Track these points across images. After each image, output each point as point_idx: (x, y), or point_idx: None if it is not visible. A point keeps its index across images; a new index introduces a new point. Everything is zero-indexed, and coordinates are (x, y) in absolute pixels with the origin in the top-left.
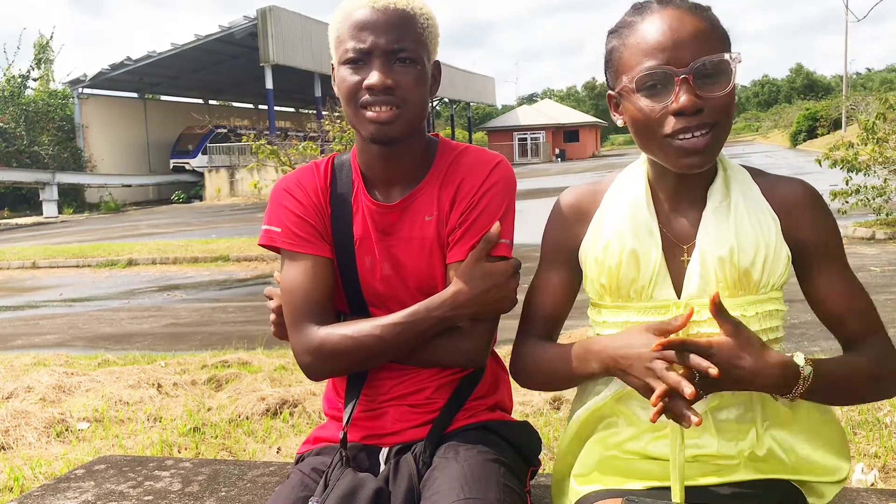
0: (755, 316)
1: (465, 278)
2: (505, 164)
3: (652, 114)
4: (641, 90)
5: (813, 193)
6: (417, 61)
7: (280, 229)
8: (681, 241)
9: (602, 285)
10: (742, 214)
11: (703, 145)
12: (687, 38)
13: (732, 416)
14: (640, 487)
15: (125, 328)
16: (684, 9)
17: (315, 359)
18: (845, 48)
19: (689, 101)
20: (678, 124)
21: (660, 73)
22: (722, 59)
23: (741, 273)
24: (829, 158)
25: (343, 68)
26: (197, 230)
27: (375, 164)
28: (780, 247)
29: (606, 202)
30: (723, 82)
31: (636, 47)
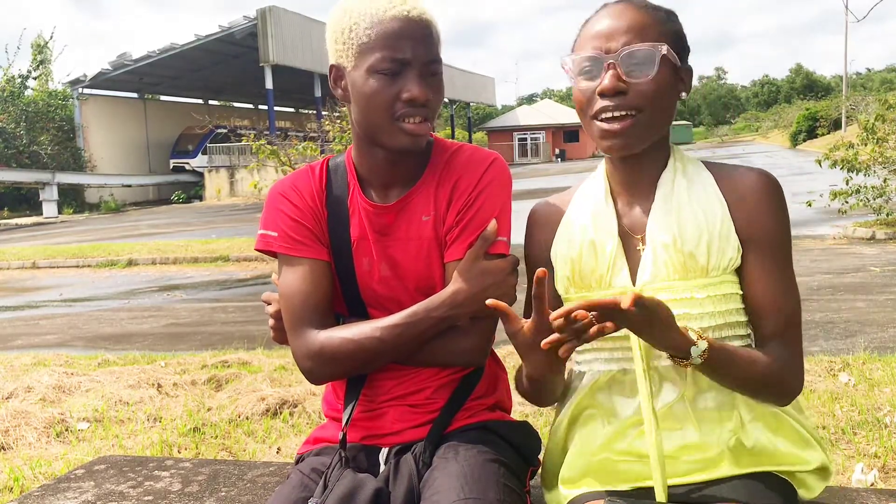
0: (706, 298)
1: (464, 277)
2: (500, 161)
3: (584, 95)
4: (580, 74)
5: (769, 183)
6: (441, 74)
7: (276, 233)
8: (635, 232)
9: (567, 277)
10: (684, 202)
11: (620, 128)
12: (620, 29)
13: (711, 404)
14: (627, 488)
15: (125, 328)
16: (634, 5)
17: (316, 363)
18: (845, 48)
19: (610, 82)
20: (601, 104)
21: (592, 58)
22: (647, 48)
23: (686, 257)
24: (829, 158)
25: (375, 78)
26: (197, 230)
27: (379, 169)
28: (727, 232)
29: (573, 205)
30: (647, 70)
31: (584, 37)
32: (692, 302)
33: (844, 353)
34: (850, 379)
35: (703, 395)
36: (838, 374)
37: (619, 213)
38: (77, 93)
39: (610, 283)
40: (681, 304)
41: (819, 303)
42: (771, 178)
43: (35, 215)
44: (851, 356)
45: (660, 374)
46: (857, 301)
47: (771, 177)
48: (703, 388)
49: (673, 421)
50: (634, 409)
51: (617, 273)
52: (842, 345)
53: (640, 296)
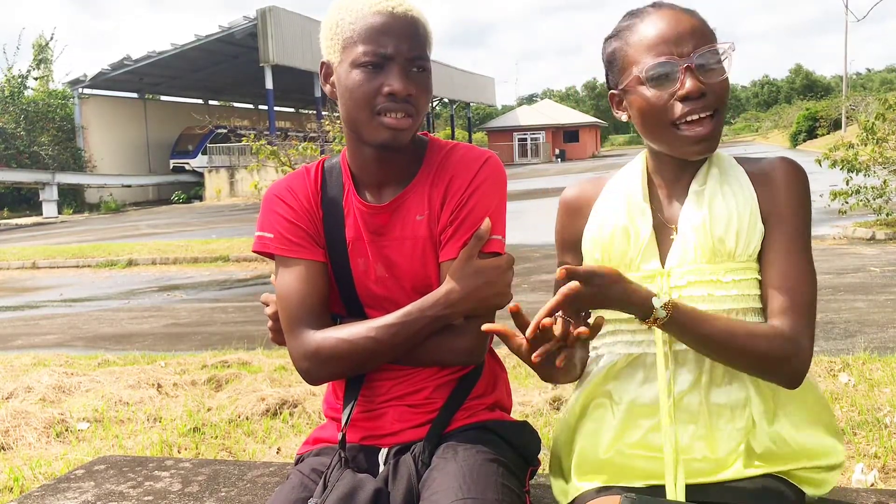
0: (731, 282)
1: (457, 276)
2: (494, 159)
3: (659, 102)
4: (649, 81)
5: (789, 166)
6: (428, 70)
7: (272, 235)
8: (671, 223)
9: (596, 260)
10: (716, 192)
11: (709, 131)
12: (685, 33)
13: (723, 399)
14: (640, 485)
15: (125, 328)
16: (678, 9)
17: (312, 363)
18: (845, 48)
19: (694, 85)
20: (685, 108)
21: (666, 64)
22: (718, 48)
23: (715, 241)
24: (829, 159)
25: (356, 71)
26: (197, 230)
27: (369, 167)
28: (755, 221)
29: (606, 192)
30: (720, 69)
31: (640, 44)
32: (717, 284)
33: (844, 353)
34: (850, 379)
35: (718, 390)
36: (838, 375)
37: (657, 206)
38: (77, 93)
39: (639, 268)
40: (706, 285)
41: (819, 303)
42: (795, 163)
43: (35, 215)
44: (851, 356)
45: (677, 360)
46: (857, 301)
47: (792, 161)
48: (719, 378)
49: (686, 414)
50: (650, 397)
51: (647, 259)
52: (842, 345)
53: (569, 268)
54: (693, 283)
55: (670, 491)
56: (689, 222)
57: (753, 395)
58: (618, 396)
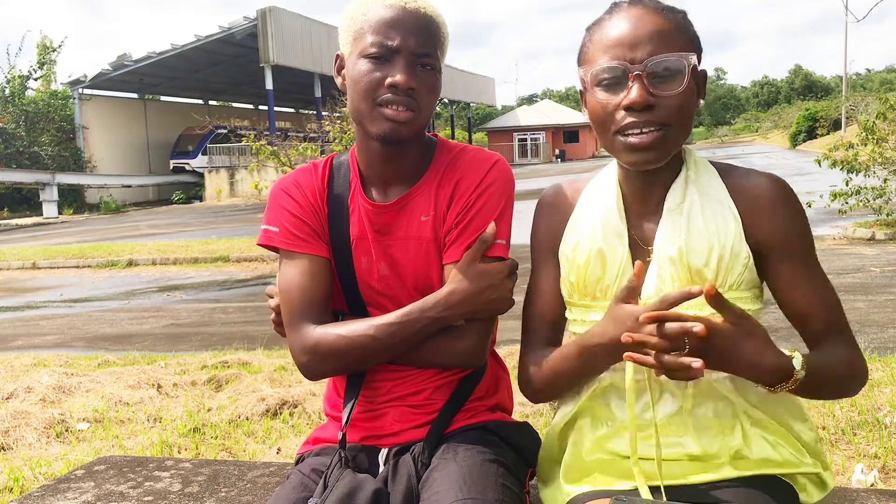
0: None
1: (460, 278)
2: (503, 163)
3: (606, 108)
4: (599, 85)
5: (780, 189)
6: (436, 69)
7: (278, 229)
8: (646, 244)
9: (571, 283)
10: (696, 215)
11: (649, 142)
12: (645, 37)
13: (710, 413)
14: (631, 487)
15: (125, 328)
16: (650, 8)
17: (311, 358)
18: (845, 48)
19: (638, 96)
20: (627, 118)
21: (615, 69)
22: (675, 58)
23: (693, 273)
24: (829, 159)
25: (363, 62)
26: (197, 231)
27: (376, 163)
28: (739, 247)
29: (581, 203)
30: (676, 82)
31: (599, 43)
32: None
33: None
34: None
35: (703, 406)
36: None
37: (631, 222)
38: (77, 93)
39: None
40: None
41: None
42: (783, 184)
43: (35, 216)
44: None
45: (660, 385)
46: (857, 301)
47: (782, 182)
48: (702, 400)
49: (673, 429)
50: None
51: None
52: None
53: (717, 294)
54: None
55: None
56: (665, 251)
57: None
58: (603, 415)
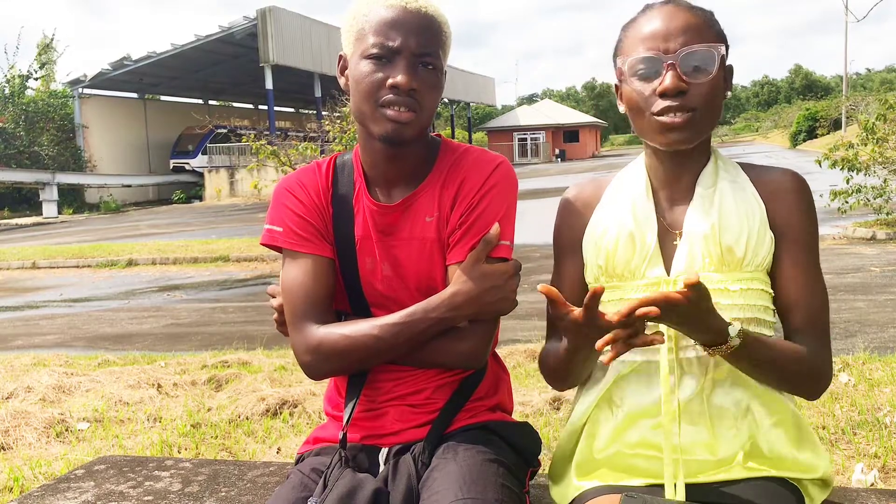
0: (739, 291)
1: (464, 279)
2: (507, 165)
3: (642, 95)
4: (635, 74)
5: (799, 181)
6: (438, 69)
7: (282, 229)
8: (674, 228)
9: (599, 266)
10: (727, 198)
11: (681, 122)
12: (677, 30)
13: (728, 403)
14: (640, 484)
15: (125, 328)
16: (682, 6)
17: (314, 358)
18: (845, 48)
19: (672, 83)
20: (662, 104)
21: (650, 59)
22: (706, 49)
23: (724, 249)
24: (829, 159)
25: (365, 62)
26: (197, 230)
27: (379, 163)
28: (764, 231)
29: (608, 195)
30: (707, 71)
31: (634, 37)
32: (725, 293)
33: (844, 353)
34: (850, 379)
35: (721, 392)
36: (838, 374)
37: (660, 208)
38: (77, 93)
39: (644, 275)
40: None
41: None
42: (801, 178)
43: (35, 215)
44: (851, 356)
45: (682, 367)
46: (857, 301)
47: (800, 176)
48: (721, 383)
49: (688, 417)
50: (651, 400)
51: (652, 266)
52: (842, 345)
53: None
54: None
55: (669, 491)
56: (698, 228)
57: (755, 399)
58: (619, 400)
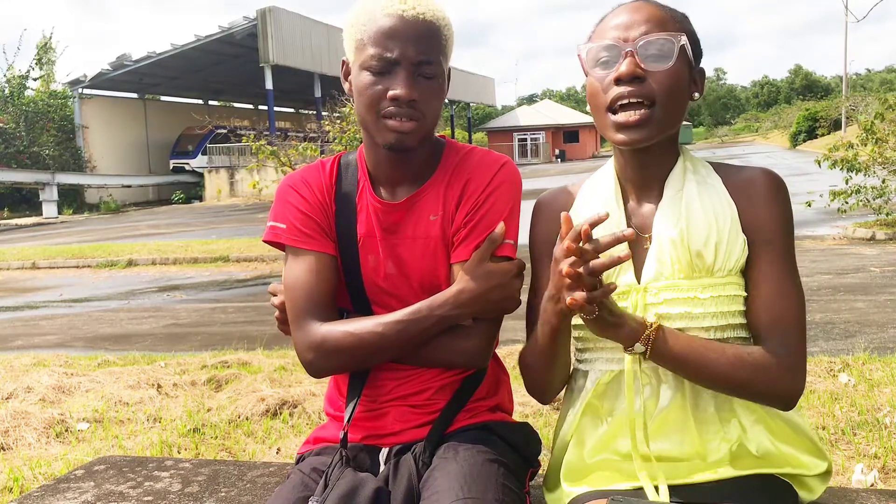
0: (710, 298)
1: (468, 278)
2: (511, 165)
3: (600, 84)
4: (596, 64)
5: (772, 180)
6: (439, 75)
7: (285, 226)
8: (643, 231)
9: None
10: (693, 201)
11: (636, 120)
12: (639, 21)
13: (711, 408)
14: (629, 488)
15: (125, 328)
16: (649, 2)
17: (317, 355)
18: (845, 48)
19: (628, 68)
20: (616, 91)
21: (610, 46)
22: (665, 37)
23: (693, 255)
24: (829, 159)
25: (365, 74)
26: (197, 231)
27: (383, 165)
28: (736, 233)
29: (579, 199)
30: (666, 59)
31: (600, 31)
32: (695, 301)
33: (844, 353)
34: (850, 379)
35: (703, 399)
36: (838, 375)
37: (629, 212)
38: (77, 93)
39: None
40: (684, 303)
41: (819, 303)
42: (775, 175)
43: (35, 215)
44: (851, 356)
45: (658, 377)
46: (857, 301)
47: (775, 174)
48: (702, 392)
49: (673, 425)
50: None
51: (623, 272)
52: (842, 345)
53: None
54: (670, 301)
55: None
56: (666, 233)
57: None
58: (606, 411)
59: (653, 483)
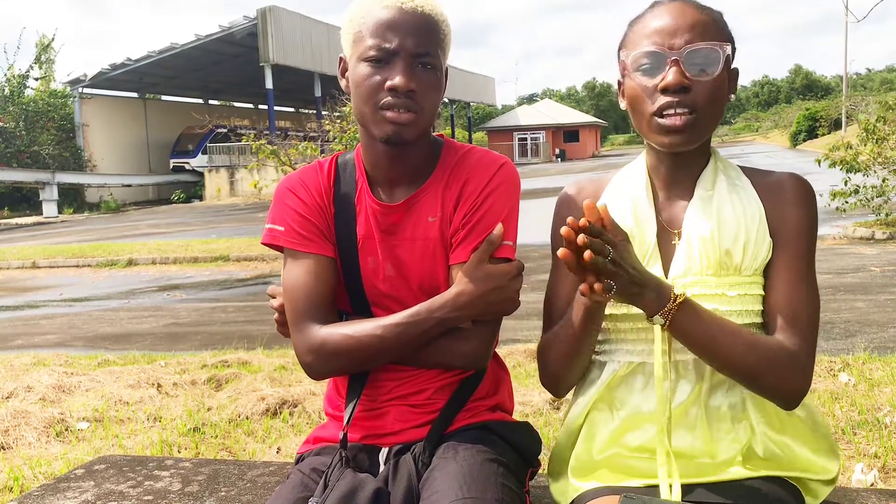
0: (737, 297)
1: (467, 280)
2: (510, 165)
3: (644, 91)
4: (638, 69)
5: (802, 184)
6: (437, 68)
7: (283, 228)
8: (672, 227)
9: None
10: (724, 201)
11: (682, 124)
12: (683, 27)
13: (724, 406)
14: (639, 485)
15: (125, 328)
16: (690, 4)
17: (316, 358)
18: (845, 48)
19: (675, 78)
20: (663, 100)
21: (654, 54)
22: (711, 47)
23: (722, 253)
24: (829, 158)
25: (363, 65)
26: (197, 230)
27: (381, 163)
28: (763, 234)
29: (608, 192)
30: (711, 70)
31: (640, 32)
32: (723, 299)
33: (844, 353)
34: (850, 379)
35: (718, 395)
36: (838, 374)
37: (658, 207)
38: (77, 92)
39: None
40: (711, 299)
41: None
42: (805, 180)
43: (35, 215)
44: (851, 356)
45: (677, 371)
46: (857, 301)
47: (805, 180)
48: (719, 387)
49: (686, 420)
50: (650, 404)
51: (650, 266)
52: (842, 345)
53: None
54: (698, 297)
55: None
56: (697, 231)
57: (751, 403)
58: (619, 403)
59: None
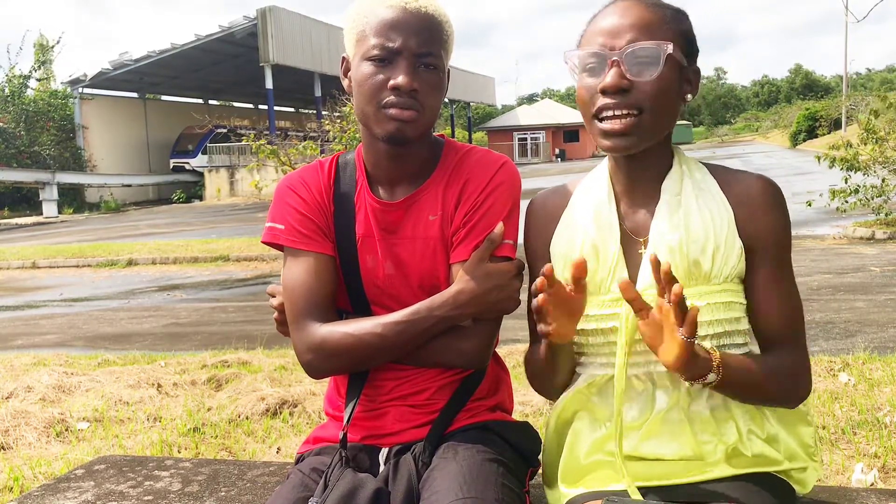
0: (707, 306)
1: (468, 278)
2: (510, 165)
3: (587, 92)
4: (584, 70)
5: (770, 189)
6: (440, 68)
7: (283, 226)
8: (637, 235)
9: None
10: (692, 207)
11: (621, 128)
12: (626, 26)
13: (706, 412)
14: (623, 488)
15: (125, 328)
16: (639, 2)
17: (316, 357)
18: (845, 48)
19: (612, 80)
20: (602, 101)
21: (596, 55)
22: (651, 46)
23: (691, 263)
24: (829, 158)
25: (366, 64)
26: (197, 230)
27: (382, 163)
28: (733, 239)
29: (573, 201)
30: (652, 69)
31: (589, 33)
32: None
33: (844, 353)
34: (850, 379)
35: (698, 401)
36: (838, 374)
37: (622, 214)
38: (77, 92)
39: (609, 289)
40: None
41: (819, 303)
42: (772, 183)
43: (35, 215)
44: (851, 356)
45: (653, 381)
46: (857, 301)
47: (772, 182)
48: (697, 395)
49: (668, 427)
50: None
51: (617, 277)
52: (842, 345)
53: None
54: None
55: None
56: (664, 240)
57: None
58: (600, 412)
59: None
